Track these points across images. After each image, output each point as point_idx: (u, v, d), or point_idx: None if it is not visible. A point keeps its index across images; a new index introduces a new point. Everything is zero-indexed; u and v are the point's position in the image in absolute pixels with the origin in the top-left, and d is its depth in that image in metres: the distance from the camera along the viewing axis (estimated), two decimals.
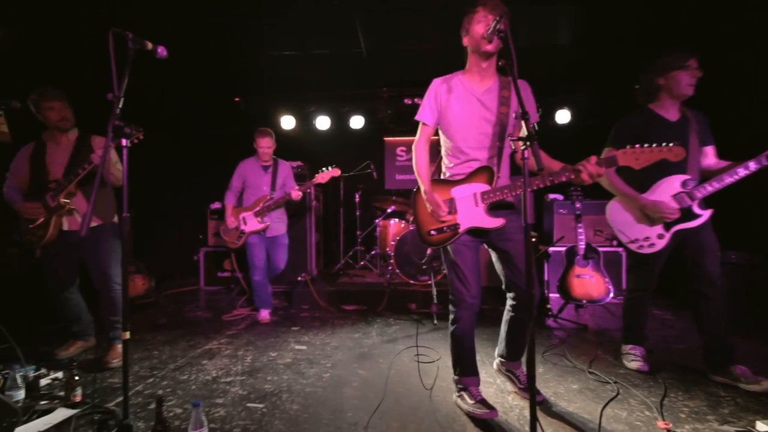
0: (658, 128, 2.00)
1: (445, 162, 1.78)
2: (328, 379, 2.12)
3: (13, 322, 2.86)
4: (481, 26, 1.53)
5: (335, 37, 3.98)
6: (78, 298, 2.44)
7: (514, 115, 1.48)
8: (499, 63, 1.60)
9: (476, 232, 1.69)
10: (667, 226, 1.99)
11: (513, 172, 1.76)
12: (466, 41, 1.66)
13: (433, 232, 1.71)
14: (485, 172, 1.63)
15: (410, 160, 6.36)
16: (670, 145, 1.33)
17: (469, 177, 1.67)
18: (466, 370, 1.78)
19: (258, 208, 3.18)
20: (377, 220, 4.98)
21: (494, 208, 1.67)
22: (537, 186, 1.52)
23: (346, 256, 5.27)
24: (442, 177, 1.79)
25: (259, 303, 3.27)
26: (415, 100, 5.26)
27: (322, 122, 5.64)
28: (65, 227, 2.32)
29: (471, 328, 1.75)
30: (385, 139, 6.31)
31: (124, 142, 1.57)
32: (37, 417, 1.48)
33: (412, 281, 4.29)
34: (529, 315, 1.19)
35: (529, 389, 1.18)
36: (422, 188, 1.74)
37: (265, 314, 3.25)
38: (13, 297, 3.18)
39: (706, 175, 1.99)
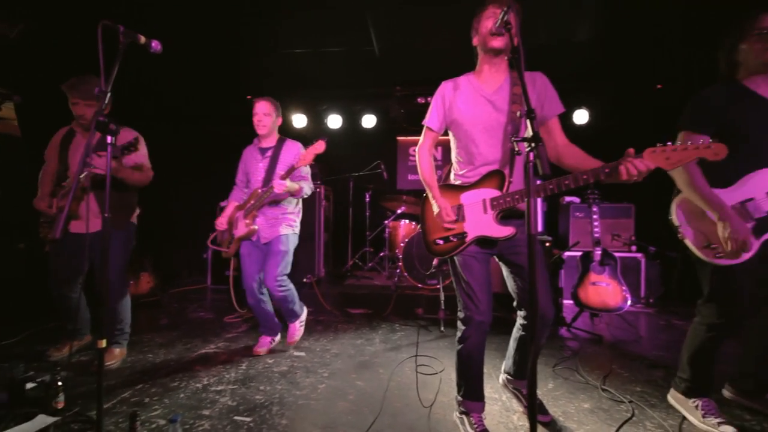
0: (749, 107, 1.55)
1: (455, 167, 1.69)
2: (324, 391, 2.03)
3: (15, 318, 2.93)
4: (489, 21, 1.47)
5: (348, 35, 3.91)
6: (76, 298, 2.42)
7: (519, 113, 1.35)
8: (507, 57, 1.47)
9: (485, 243, 1.56)
10: (758, 232, 1.51)
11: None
12: (475, 41, 1.60)
13: (439, 241, 1.61)
14: (496, 177, 1.51)
15: None
16: (709, 141, 1.14)
17: (479, 182, 1.55)
18: (470, 393, 1.65)
19: (247, 206, 2.51)
20: (387, 221, 4.88)
21: (506, 217, 1.54)
22: (566, 186, 1.32)
23: (354, 257, 5.19)
24: (451, 182, 1.69)
25: (261, 328, 2.63)
26: (429, 99, 5.13)
27: (334, 121, 5.59)
28: (71, 229, 2.29)
29: (480, 349, 1.60)
30: (398, 138, 6.20)
31: (109, 139, 1.51)
32: (14, 424, 1.44)
33: (420, 285, 4.17)
34: (532, 336, 1.06)
35: (529, 416, 1.06)
36: (430, 193, 1.65)
37: (264, 343, 2.57)
38: (17, 292, 3.21)
39: None
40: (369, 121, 5.55)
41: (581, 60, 4.18)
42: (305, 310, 2.74)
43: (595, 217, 3.25)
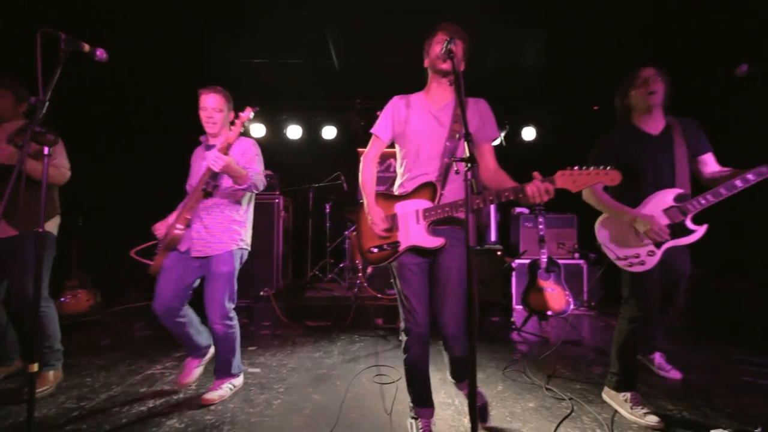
0: (635, 142, 1.91)
1: (398, 178, 1.74)
2: (279, 407, 2.00)
3: None
4: (438, 47, 1.57)
5: (308, 48, 3.95)
6: None
7: (456, 136, 1.46)
8: (449, 82, 1.58)
9: (420, 253, 1.61)
10: (659, 243, 1.83)
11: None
12: (426, 62, 1.70)
13: (373, 249, 1.64)
14: (429, 189, 1.57)
15: (383, 171, 6.36)
16: (607, 168, 1.30)
17: (413, 192, 1.62)
18: (417, 400, 1.70)
19: (179, 209, 2.09)
20: (347, 232, 4.90)
21: (438, 226, 1.59)
22: (490, 201, 1.44)
23: (314, 268, 5.14)
24: (390, 192, 1.74)
25: (187, 352, 2.22)
26: None
27: (294, 131, 5.56)
28: None
29: (422, 358, 1.64)
30: (359, 150, 6.27)
31: (45, 150, 1.44)
32: None
33: (380, 295, 4.21)
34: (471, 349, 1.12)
35: (471, 419, 1.13)
36: (366, 201, 1.67)
37: (191, 368, 2.17)
38: None
39: (711, 185, 1.82)
40: (329, 132, 5.58)
41: (529, 82, 4.53)
42: (242, 377, 2.23)
43: (541, 227, 3.50)
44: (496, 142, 5.12)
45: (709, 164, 1.93)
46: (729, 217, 3.33)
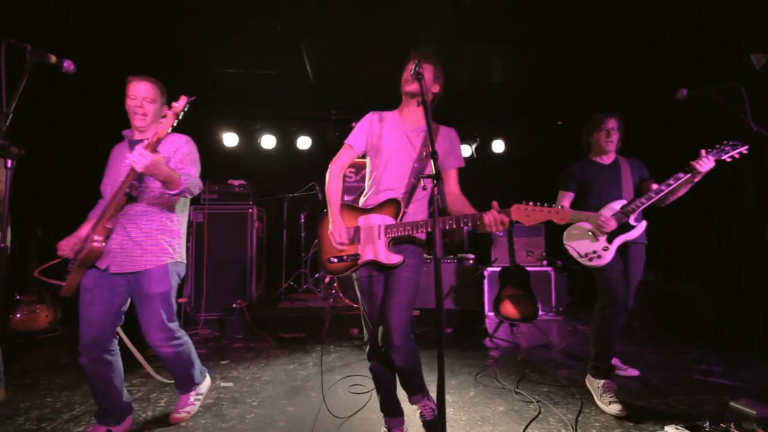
0: (594, 171, 2.37)
1: (366, 190, 1.79)
2: (252, 421, 1.97)
3: None
4: (407, 71, 1.66)
5: (282, 60, 3.97)
6: None
7: (424, 154, 1.53)
8: (417, 102, 1.65)
9: (378, 267, 1.64)
10: (610, 239, 2.20)
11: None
12: (401, 87, 1.75)
13: (333, 260, 1.66)
14: (393, 205, 1.62)
15: (359, 181, 6.41)
16: (559, 207, 1.40)
17: (378, 207, 1.66)
18: (386, 410, 1.75)
19: (99, 217, 1.72)
20: None
21: (397, 244, 1.63)
22: (450, 226, 1.48)
23: (289, 279, 5.09)
24: (355, 204, 1.77)
25: (96, 413, 1.78)
26: None
27: (268, 141, 5.53)
28: None
29: (386, 375, 1.69)
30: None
31: (9, 163, 1.40)
32: None
33: (356, 305, 4.23)
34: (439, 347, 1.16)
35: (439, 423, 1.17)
36: (330, 210, 1.68)
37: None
38: None
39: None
40: (304, 142, 5.59)
41: (498, 98, 4.75)
42: (208, 380, 2.08)
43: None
44: (466, 154, 5.30)
45: (651, 187, 2.32)
46: (683, 227, 3.61)
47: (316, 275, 5.04)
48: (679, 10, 3.02)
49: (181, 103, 1.67)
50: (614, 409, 2.01)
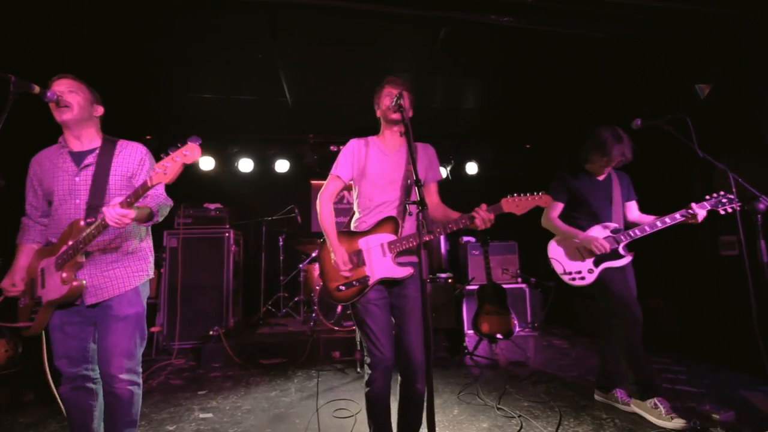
0: (588, 186, 2.36)
1: (356, 216, 1.86)
2: None
3: None
4: (387, 99, 1.76)
5: (261, 86, 4.03)
6: None
7: (409, 181, 1.63)
8: (400, 132, 1.76)
9: (386, 285, 1.72)
10: (597, 263, 2.22)
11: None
12: (378, 113, 1.88)
13: (342, 288, 1.68)
14: (390, 223, 1.72)
15: (336, 203, 6.44)
16: (540, 193, 1.58)
17: (375, 227, 1.74)
18: None
19: (61, 251, 1.55)
20: (301, 265, 4.86)
21: (402, 256, 1.72)
22: (439, 233, 1.65)
23: (267, 303, 4.99)
24: (349, 229, 1.83)
25: None
26: (341, 147, 5.42)
27: (245, 164, 5.51)
28: None
29: (387, 390, 1.68)
30: (312, 182, 6.35)
31: None
32: None
33: (336, 328, 4.19)
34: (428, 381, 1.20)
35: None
36: (328, 240, 1.72)
37: None
38: None
39: (630, 226, 2.28)
40: (282, 166, 5.61)
41: (471, 124, 5.00)
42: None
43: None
44: (443, 175, 5.50)
45: (633, 210, 2.43)
46: (643, 242, 3.85)
47: (296, 299, 4.98)
48: (637, 52, 3.35)
49: (193, 153, 1.37)
50: (679, 423, 2.00)
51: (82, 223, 1.55)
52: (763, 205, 1.82)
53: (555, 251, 2.36)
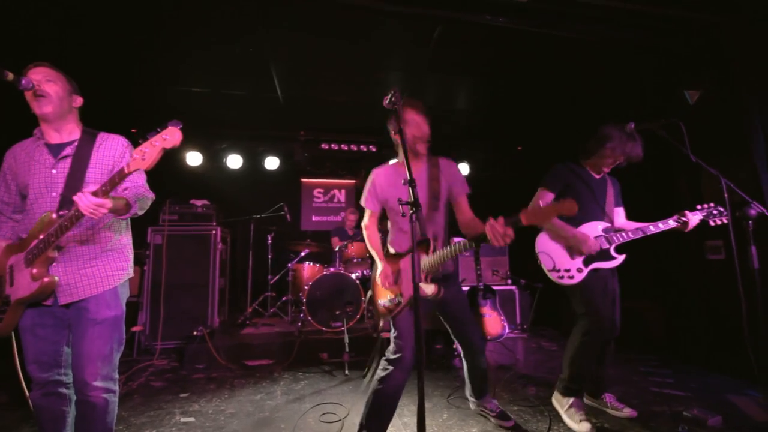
0: (584, 182, 2.28)
1: (390, 237, 1.97)
2: None
3: None
4: (413, 128, 1.82)
5: (251, 81, 3.95)
6: None
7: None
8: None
9: (424, 302, 1.79)
10: (587, 262, 2.15)
11: (454, 233, 1.96)
12: (397, 138, 1.74)
13: (385, 304, 1.84)
14: (423, 244, 1.77)
15: (327, 201, 6.39)
16: (561, 202, 1.51)
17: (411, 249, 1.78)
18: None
19: (32, 245, 1.46)
20: (290, 264, 4.78)
21: (435, 280, 1.81)
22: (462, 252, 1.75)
23: (254, 303, 4.89)
24: (391, 252, 1.95)
25: None
26: (332, 145, 5.37)
27: (234, 161, 5.40)
28: None
29: (403, 386, 1.78)
30: (303, 180, 6.27)
31: None
32: None
33: (324, 328, 4.12)
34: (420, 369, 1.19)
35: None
36: (377, 262, 1.91)
37: None
38: None
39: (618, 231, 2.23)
40: (272, 162, 5.51)
41: (463, 124, 4.98)
42: None
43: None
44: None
45: (621, 215, 2.40)
46: (631, 245, 3.88)
47: (284, 298, 4.89)
48: (629, 57, 3.36)
49: (174, 137, 1.32)
50: (584, 427, 2.04)
51: (54, 215, 1.45)
52: (754, 211, 1.83)
53: (545, 245, 2.26)
